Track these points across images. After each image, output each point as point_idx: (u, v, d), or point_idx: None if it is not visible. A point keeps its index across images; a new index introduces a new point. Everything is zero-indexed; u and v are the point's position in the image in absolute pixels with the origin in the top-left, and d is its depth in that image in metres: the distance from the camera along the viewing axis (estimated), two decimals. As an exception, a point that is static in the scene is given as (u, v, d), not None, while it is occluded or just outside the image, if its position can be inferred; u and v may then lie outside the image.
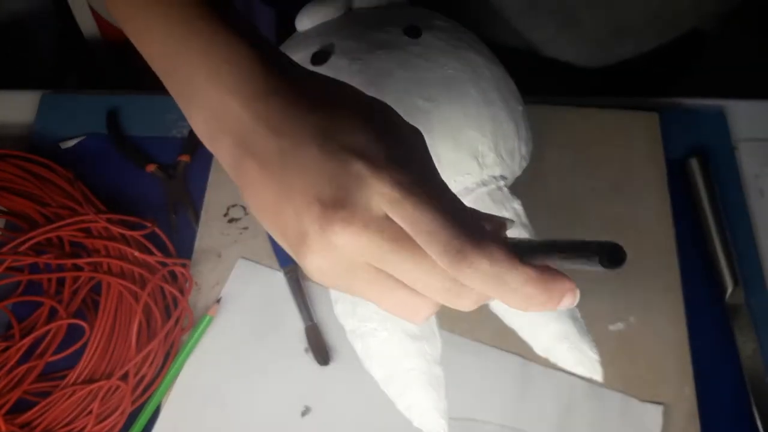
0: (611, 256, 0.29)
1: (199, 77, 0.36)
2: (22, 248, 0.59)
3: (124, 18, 0.39)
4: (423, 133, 0.37)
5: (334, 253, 0.33)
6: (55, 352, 0.57)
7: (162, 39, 0.37)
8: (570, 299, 0.33)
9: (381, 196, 0.32)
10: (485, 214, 0.35)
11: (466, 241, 0.31)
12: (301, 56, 0.55)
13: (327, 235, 0.32)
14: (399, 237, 0.32)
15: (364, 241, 0.32)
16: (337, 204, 0.32)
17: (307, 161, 0.33)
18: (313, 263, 0.33)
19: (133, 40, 0.39)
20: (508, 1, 0.68)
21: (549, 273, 0.32)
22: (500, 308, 0.58)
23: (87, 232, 0.61)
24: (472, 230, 0.32)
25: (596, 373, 0.56)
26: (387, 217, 0.32)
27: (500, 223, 0.35)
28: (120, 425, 0.55)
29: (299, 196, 0.33)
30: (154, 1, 0.37)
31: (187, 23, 0.37)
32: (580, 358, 0.56)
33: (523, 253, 0.32)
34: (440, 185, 0.34)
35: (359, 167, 0.32)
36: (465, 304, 0.34)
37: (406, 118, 0.38)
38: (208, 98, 0.36)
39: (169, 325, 0.58)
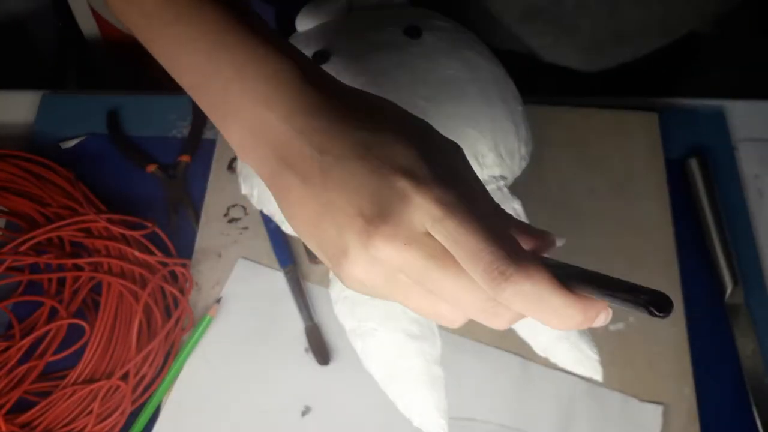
0: (660, 307, 0.30)
1: (234, 91, 0.36)
2: (23, 248, 0.59)
3: (147, 35, 0.39)
4: None
5: (376, 266, 0.33)
6: (55, 352, 0.57)
7: (192, 53, 0.37)
8: (603, 317, 0.33)
9: (424, 213, 0.32)
10: (537, 229, 0.36)
11: (508, 263, 0.32)
12: (301, 56, 0.55)
13: (369, 249, 0.33)
14: (439, 254, 0.33)
15: (405, 257, 0.33)
16: (380, 219, 0.33)
17: (350, 178, 0.34)
18: (354, 275, 0.34)
19: (157, 55, 0.39)
20: (507, 8, 0.68)
21: (579, 297, 0.33)
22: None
23: (87, 232, 0.61)
24: (514, 250, 0.32)
25: (596, 373, 0.56)
26: (428, 234, 0.33)
27: (550, 240, 0.36)
28: (120, 425, 0.55)
29: (341, 212, 0.33)
30: (180, 17, 0.37)
31: (219, 36, 0.37)
32: (579, 358, 0.56)
33: (561, 276, 0.33)
34: (483, 202, 0.35)
35: (403, 184, 0.33)
36: (499, 323, 0.34)
37: None
38: (245, 112, 0.36)
39: (170, 325, 0.58)
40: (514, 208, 0.55)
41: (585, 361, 0.56)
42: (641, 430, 0.54)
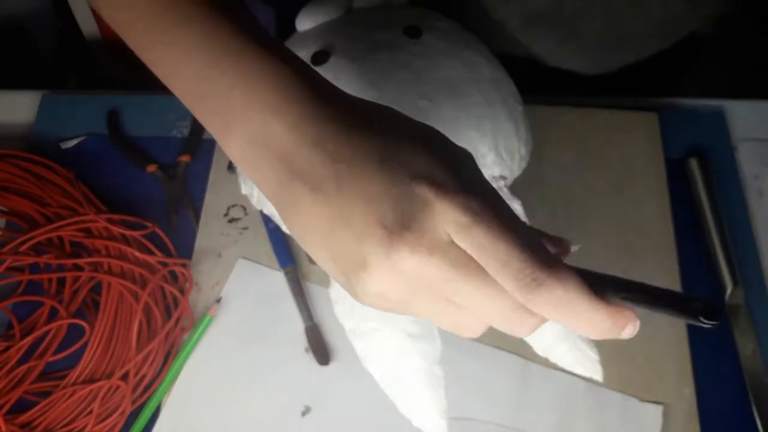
0: (709, 315, 0.29)
1: (239, 99, 0.35)
2: (23, 248, 0.59)
3: (142, 40, 0.38)
4: None
5: (397, 277, 0.32)
6: (55, 352, 0.57)
7: (193, 60, 0.36)
8: (631, 329, 0.32)
9: (448, 221, 0.32)
10: (552, 236, 0.35)
11: (540, 268, 0.31)
12: (301, 56, 0.55)
13: (391, 259, 0.32)
14: (464, 263, 0.32)
15: (429, 267, 0.32)
16: (403, 228, 0.32)
17: (367, 186, 0.32)
18: (373, 288, 0.33)
19: (151, 61, 0.38)
20: (509, 14, 0.68)
21: (612, 305, 0.32)
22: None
23: (87, 232, 0.61)
24: (544, 255, 0.32)
25: (596, 373, 0.56)
26: (452, 243, 0.32)
27: (566, 246, 0.35)
28: (120, 425, 0.55)
29: (359, 221, 0.32)
30: (181, 23, 0.36)
31: (222, 44, 0.36)
32: (579, 358, 0.56)
33: (593, 283, 0.32)
34: (506, 208, 0.34)
35: (426, 192, 0.32)
36: (524, 330, 0.33)
37: None
38: (250, 121, 0.35)
39: (170, 325, 0.58)
40: (514, 208, 0.55)
41: (585, 361, 0.56)
42: (641, 430, 0.54)
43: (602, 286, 0.32)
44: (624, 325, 0.32)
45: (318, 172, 0.33)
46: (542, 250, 0.32)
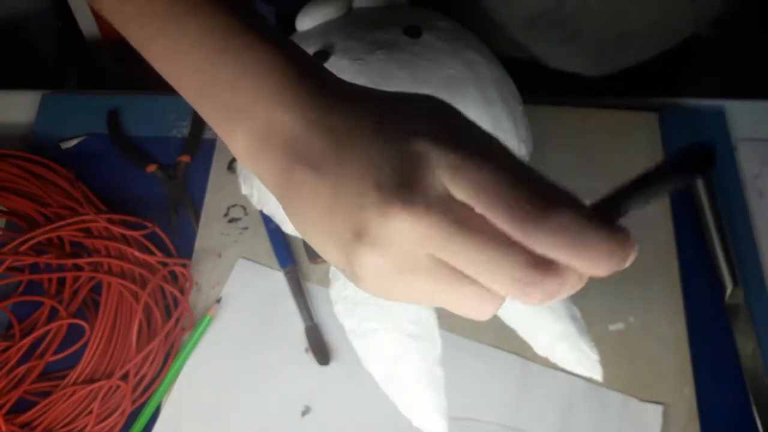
0: (704, 167, 0.29)
1: (243, 90, 0.35)
2: (23, 248, 0.59)
3: (144, 35, 0.38)
4: None
5: (395, 244, 0.31)
6: (55, 352, 0.57)
7: (197, 54, 0.36)
8: (633, 255, 0.32)
9: (443, 168, 0.30)
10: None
11: (544, 195, 0.30)
12: (301, 56, 0.55)
13: (387, 221, 0.30)
14: (465, 217, 0.30)
15: (426, 225, 0.30)
16: (397, 186, 0.30)
17: (364, 151, 0.32)
18: (370, 262, 0.31)
19: (153, 56, 0.38)
20: (510, 16, 0.68)
21: (618, 227, 0.32)
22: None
23: (87, 232, 0.61)
24: (545, 185, 0.31)
25: (596, 373, 0.56)
26: (450, 197, 0.31)
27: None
28: (120, 425, 0.55)
29: (356, 188, 0.31)
30: (184, 16, 0.36)
31: (226, 36, 0.36)
32: (579, 358, 0.56)
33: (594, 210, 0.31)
34: (503, 148, 0.32)
35: (419, 146, 0.31)
36: (535, 294, 0.31)
37: None
38: (255, 112, 0.35)
39: (170, 325, 0.58)
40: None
41: (585, 361, 0.56)
42: (641, 430, 0.54)
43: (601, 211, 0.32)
44: (631, 251, 0.32)
45: (320, 148, 0.33)
46: (543, 181, 0.31)
